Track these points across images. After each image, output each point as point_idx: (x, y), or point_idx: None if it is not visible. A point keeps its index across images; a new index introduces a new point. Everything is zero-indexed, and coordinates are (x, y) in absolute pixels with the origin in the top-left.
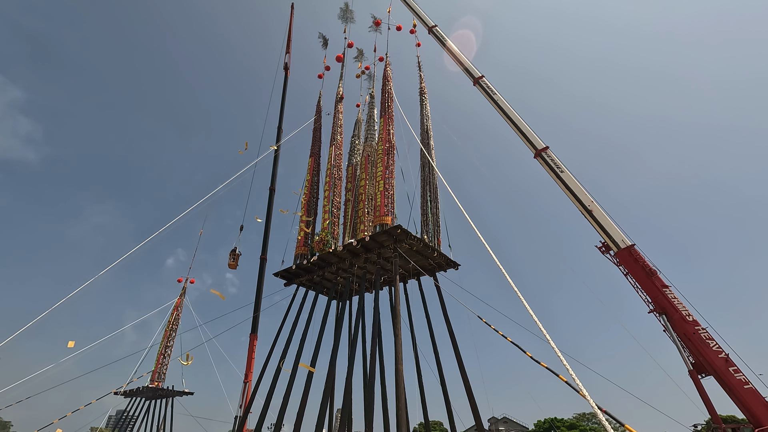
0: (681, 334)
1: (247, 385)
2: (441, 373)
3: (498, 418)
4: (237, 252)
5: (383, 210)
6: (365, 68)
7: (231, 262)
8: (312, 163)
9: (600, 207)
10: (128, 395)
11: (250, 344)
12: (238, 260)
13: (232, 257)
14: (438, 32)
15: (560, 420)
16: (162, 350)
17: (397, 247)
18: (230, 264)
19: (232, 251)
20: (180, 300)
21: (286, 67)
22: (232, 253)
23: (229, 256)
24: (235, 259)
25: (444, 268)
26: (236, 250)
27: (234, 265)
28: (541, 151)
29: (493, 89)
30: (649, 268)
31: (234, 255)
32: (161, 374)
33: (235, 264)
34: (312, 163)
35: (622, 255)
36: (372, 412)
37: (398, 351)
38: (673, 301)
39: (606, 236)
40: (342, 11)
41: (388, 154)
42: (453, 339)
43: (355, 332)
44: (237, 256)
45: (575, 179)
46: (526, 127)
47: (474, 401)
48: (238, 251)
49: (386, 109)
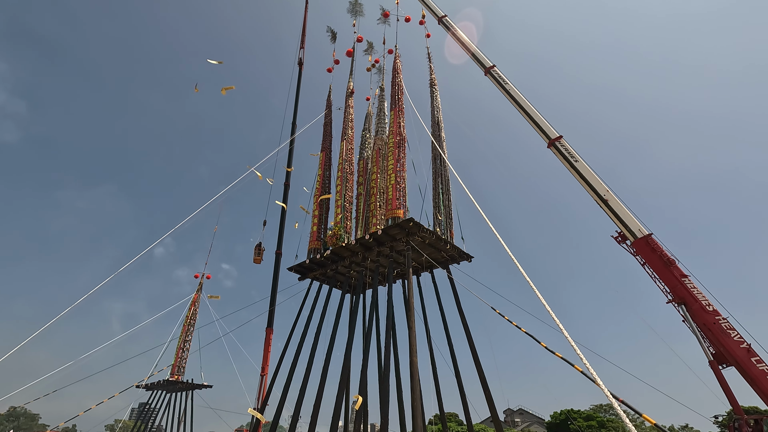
0: (701, 324)
1: (263, 378)
2: (455, 365)
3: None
4: (262, 247)
5: (395, 203)
6: (375, 61)
7: (256, 257)
8: (323, 157)
9: (615, 196)
10: (149, 388)
11: (266, 338)
12: (263, 255)
13: (257, 252)
14: (448, 22)
15: (576, 411)
16: (181, 344)
17: (409, 240)
18: (255, 259)
19: (257, 246)
20: (197, 295)
21: (300, 62)
22: (257, 248)
23: (254, 251)
24: (260, 254)
25: (457, 260)
26: (261, 245)
27: (259, 260)
28: (554, 141)
29: (504, 78)
30: (668, 258)
31: (259, 250)
32: (181, 368)
33: (260, 259)
34: (323, 157)
35: (639, 245)
36: (387, 404)
37: (412, 343)
38: (693, 290)
39: (622, 226)
40: (351, 5)
41: (399, 147)
42: (467, 331)
43: (369, 325)
44: (262, 251)
45: (590, 168)
46: (539, 116)
47: (489, 393)
48: (263, 246)
49: (396, 102)
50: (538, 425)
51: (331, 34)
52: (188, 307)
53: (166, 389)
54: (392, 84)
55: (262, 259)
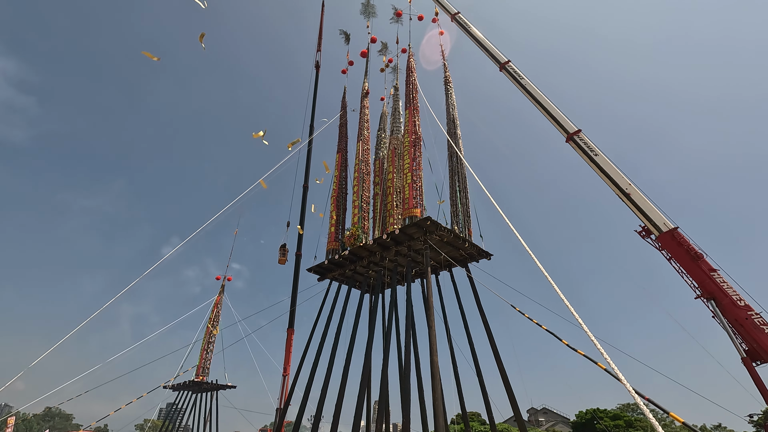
0: (732, 320)
1: (285, 378)
2: (477, 364)
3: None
4: (286, 248)
5: (411, 202)
6: (388, 61)
7: (281, 258)
8: (339, 158)
9: (638, 189)
10: (175, 389)
11: (288, 338)
12: (288, 255)
13: (282, 253)
14: (461, 19)
15: (603, 410)
16: (204, 346)
17: (427, 238)
18: (280, 260)
19: (281, 246)
20: (219, 297)
21: (317, 65)
22: (281, 249)
23: (279, 252)
24: (285, 254)
25: (476, 258)
26: (285, 246)
27: (284, 261)
28: (573, 135)
29: (520, 73)
30: (695, 252)
31: (283, 250)
32: (205, 369)
33: (284, 259)
34: (339, 158)
35: (664, 239)
36: (409, 404)
37: (432, 342)
38: (722, 285)
39: (646, 220)
40: (364, 6)
41: (415, 146)
42: (488, 329)
43: (389, 325)
44: (286, 252)
45: (610, 162)
46: (557, 110)
47: (511, 392)
48: (287, 247)
49: (411, 101)
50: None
51: (345, 36)
52: (211, 309)
53: (191, 389)
54: (406, 83)
55: (287, 260)
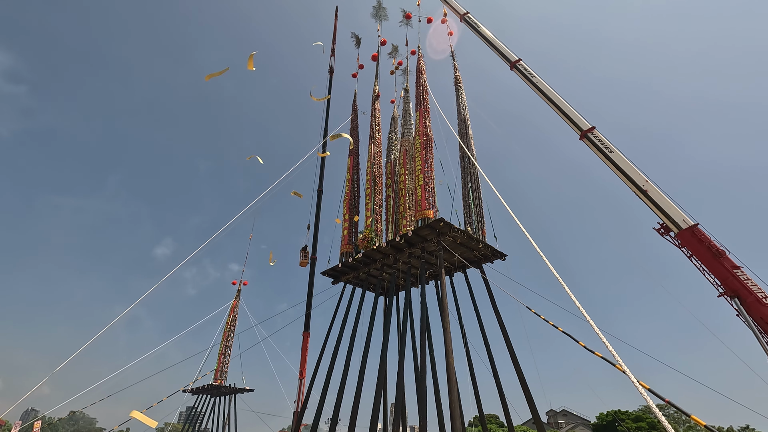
0: (757, 318)
1: (302, 381)
2: (493, 366)
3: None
4: (307, 251)
5: (424, 204)
6: (398, 63)
7: (302, 260)
8: (351, 161)
9: (656, 186)
10: (195, 393)
11: (304, 342)
12: (309, 258)
13: (303, 255)
14: (470, 19)
15: (624, 412)
16: (222, 350)
17: (440, 240)
18: (302, 262)
19: (302, 249)
20: (236, 302)
21: (330, 70)
22: (303, 251)
23: (300, 254)
24: (306, 257)
25: (490, 259)
26: (306, 249)
27: (305, 263)
28: (587, 132)
29: (531, 72)
30: (717, 249)
31: (304, 253)
32: (223, 372)
33: (306, 262)
34: (351, 161)
35: (684, 236)
36: (425, 406)
37: (448, 344)
38: (746, 282)
39: (664, 217)
40: (375, 9)
41: (426, 148)
42: (503, 330)
43: (404, 327)
44: (307, 254)
45: (626, 158)
46: (569, 107)
47: (530, 394)
48: (307, 250)
49: (422, 102)
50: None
51: (356, 39)
52: (228, 314)
53: (210, 393)
54: (417, 84)
55: (308, 262)
